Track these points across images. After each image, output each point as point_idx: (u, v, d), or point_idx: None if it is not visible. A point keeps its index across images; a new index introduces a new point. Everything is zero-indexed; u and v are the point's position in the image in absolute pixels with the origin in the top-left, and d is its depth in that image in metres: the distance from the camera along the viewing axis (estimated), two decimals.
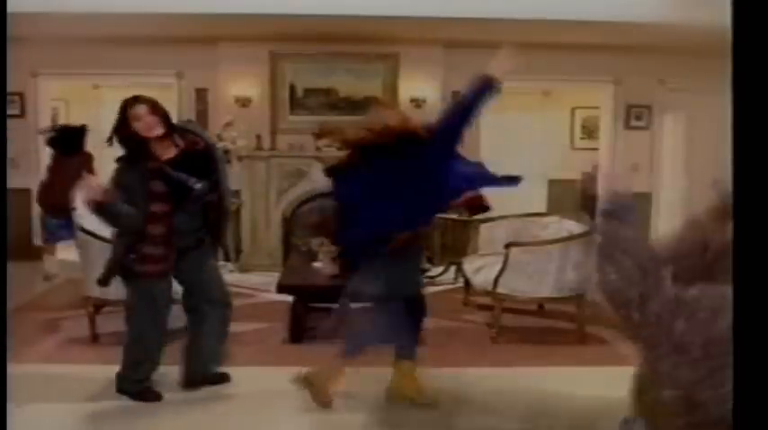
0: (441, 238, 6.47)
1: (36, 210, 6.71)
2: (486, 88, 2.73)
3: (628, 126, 6.91)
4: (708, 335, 1.33)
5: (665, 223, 7.04)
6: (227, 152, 5.97)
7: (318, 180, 6.26)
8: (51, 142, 5.55)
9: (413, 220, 2.93)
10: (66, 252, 4.74)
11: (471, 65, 6.47)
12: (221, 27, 5.86)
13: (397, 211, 2.80)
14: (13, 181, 6.12)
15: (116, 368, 3.49)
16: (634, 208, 1.64)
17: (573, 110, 8.64)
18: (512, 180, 2.99)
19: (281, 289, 4.06)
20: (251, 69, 6.40)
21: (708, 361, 1.32)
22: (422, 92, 6.46)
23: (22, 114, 6.55)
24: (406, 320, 3.05)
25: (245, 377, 3.40)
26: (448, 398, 3.18)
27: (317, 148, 6.13)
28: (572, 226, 4.23)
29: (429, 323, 4.42)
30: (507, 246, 4.02)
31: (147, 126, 2.87)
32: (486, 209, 5.50)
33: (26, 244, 6.58)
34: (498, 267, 4.02)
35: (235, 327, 3.47)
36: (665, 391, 1.38)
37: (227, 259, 6.27)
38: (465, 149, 3.01)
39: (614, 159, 6.93)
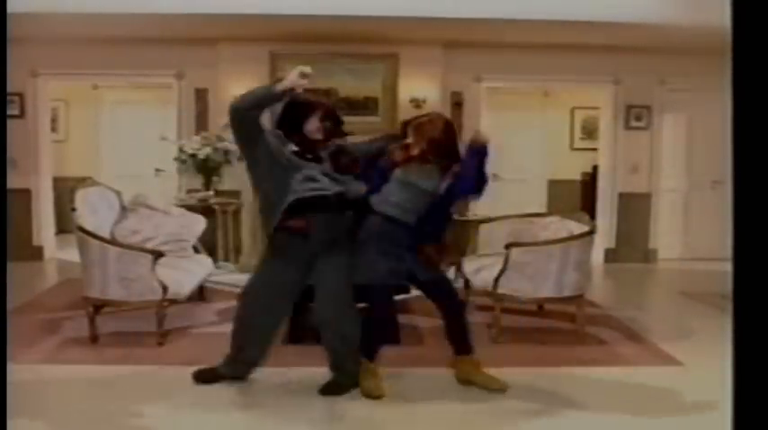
0: None
1: (36, 209, 6.72)
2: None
3: (628, 126, 6.90)
4: None
5: (666, 223, 7.04)
6: (227, 152, 5.98)
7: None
8: None
9: None
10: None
11: (471, 65, 6.59)
12: (221, 27, 5.86)
13: None
14: (13, 181, 6.12)
15: (116, 368, 3.50)
16: None
17: (572, 110, 8.64)
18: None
19: None
20: (251, 69, 6.39)
21: None
22: (421, 92, 6.46)
23: (21, 114, 6.53)
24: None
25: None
26: None
27: None
28: (572, 226, 4.22)
29: (429, 323, 4.44)
30: (508, 246, 4.01)
31: None
32: None
33: (26, 244, 6.59)
34: (498, 268, 4.01)
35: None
36: None
37: (226, 259, 6.28)
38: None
39: (614, 159, 6.93)
